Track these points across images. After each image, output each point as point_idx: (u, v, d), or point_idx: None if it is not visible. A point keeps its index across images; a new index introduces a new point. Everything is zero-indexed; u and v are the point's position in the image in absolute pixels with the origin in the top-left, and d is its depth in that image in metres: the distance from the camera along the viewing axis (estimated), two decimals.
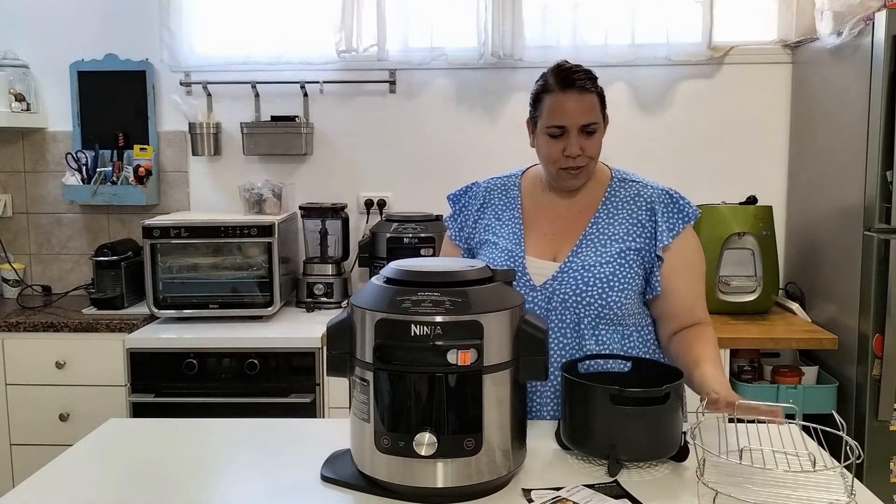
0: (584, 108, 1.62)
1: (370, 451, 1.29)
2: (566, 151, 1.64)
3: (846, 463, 1.19)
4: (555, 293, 1.65)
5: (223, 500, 1.30)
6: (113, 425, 1.64)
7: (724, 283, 2.76)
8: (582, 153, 1.64)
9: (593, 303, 1.63)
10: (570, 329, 1.66)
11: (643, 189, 1.72)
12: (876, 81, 2.33)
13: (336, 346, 1.32)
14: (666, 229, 1.67)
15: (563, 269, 1.66)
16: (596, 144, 1.67)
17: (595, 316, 1.65)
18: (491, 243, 1.75)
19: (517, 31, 2.98)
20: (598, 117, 1.65)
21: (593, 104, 1.64)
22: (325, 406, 2.61)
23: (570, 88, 1.62)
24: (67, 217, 3.26)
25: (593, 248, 1.67)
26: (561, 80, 1.63)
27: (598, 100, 1.66)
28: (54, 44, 3.18)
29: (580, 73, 1.64)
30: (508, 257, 1.70)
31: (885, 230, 2.36)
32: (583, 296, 1.64)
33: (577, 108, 1.62)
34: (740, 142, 3.10)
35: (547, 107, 1.65)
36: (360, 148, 3.19)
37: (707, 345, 1.63)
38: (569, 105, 1.62)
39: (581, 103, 1.62)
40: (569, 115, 1.62)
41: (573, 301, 1.64)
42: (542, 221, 1.74)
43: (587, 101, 1.63)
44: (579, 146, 1.63)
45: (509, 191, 1.80)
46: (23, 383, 2.69)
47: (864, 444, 2.39)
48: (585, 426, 1.39)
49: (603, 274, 1.64)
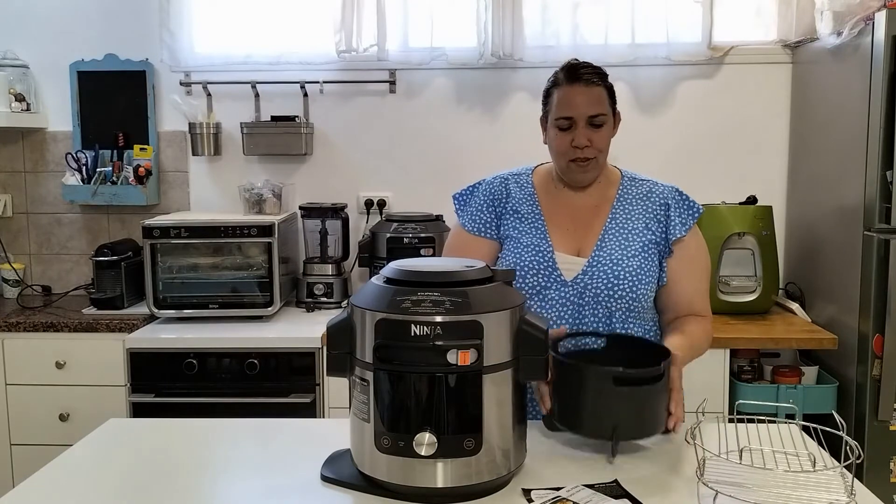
0: (590, 100, 1.67)
1: (370, 451, 1.29)
2: (574, 142, 1.67)
3: (846, 463, 1.20)
4: (587, 288, 1.68)
5: (223, 500, 1.30)
6: (113, 425, 1.65)
7: (724, 283, 2.76)
8: (590, 145, 1.68)
9: (624, 296, 1.67)
10: (602, 323, 1.69)
11: (654, 187, 1.78)
12: (876, 81, 2.33)
13: (336, 346, 1.32)
14: (679, 223, 1.72)
15: (592, 264, 1.69)
16: (604, 137, 1.70)
17: (626, 309, 1.69)
18: (513, 238, 1.76)
19: (517, 31, 2.98)
20: (605, 109, 1.69)
21: (601, 97, 1.69)
22: (325, 406, 2.60)
23: (577, 82, 1.68)
24: (67, 217, 3.26)
25: (617, 243, 1.71)
26: (569, 75, 1.69)
27: (607, 94, 1.71)
28: (54, 44, 3.18)
29: (588, 68, 1.70)
30: (536, 253, 1.71)
31: (885, 230, 2.36)
32: (614, 290, 1.67)
33: (583, 100, 1.67)
34: (740, 142, 3.09)
35: (556, 100, 1.70)
36: (360, 148, 3.19)
37: (689, 325, 1.69)
38: (576, 97, 1.67)
39: (588, 95, 1.67)
40: (576, 106, 1.67)
41: (605, 295, 1.68)
42: (561, 217, 1.76)
43: (594, 93, 1.68)
44: (587, 138, 1.67)
45: (524, 187, 1.81)
46: (23, 383, 2.69)
47: (864, 444, 2.39)
48: (586, 407, 1.40)
49: (631, 267, 1.68)
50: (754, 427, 1.50)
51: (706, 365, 2.48)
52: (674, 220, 1.72)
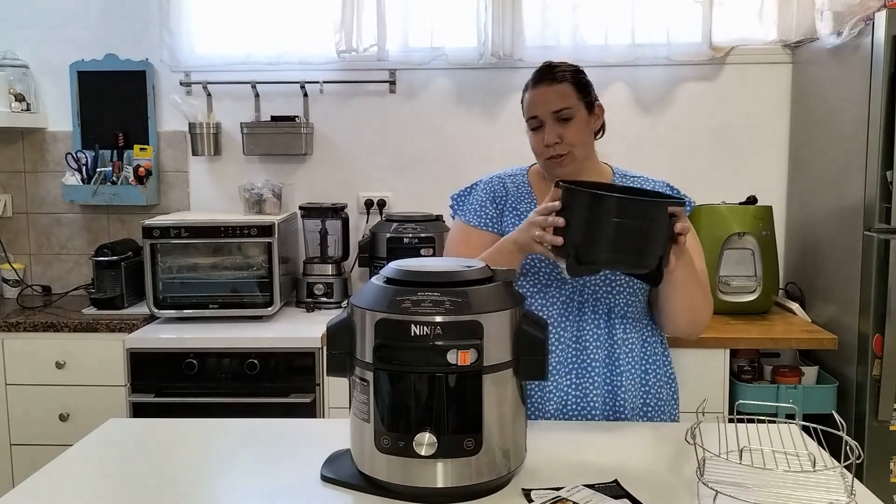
0: (553, 96, 1.71)
1: (370, 451, 1.29)
2: (545, 141, 1.71)
3: (846, 463, 1.20)
4: (586, 285, 1.70)
5: (223, 500, 1.30)
6: (113, 425, 1.64)
7: (724, 283, 2.76)
8: (560, 141, 1.70)
9: (622, 292, 1.69)
10: (602, 320, 1.70)
11: (646, 182, 1.80)
12: (876, 81, 2.33)
13: (336, 346, 1.32)
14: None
15: None
16: (574, 131, 1.71)
17: (625, 304, 1.70)
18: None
19: (517, 31, 2.98)
20: (570, 103, 1.70)
21: (565, 92, 1.71)
22: (325, 406, 2.60)
23: (541, 83, 1.73)
24: (67, 217, 3.26)
25: None
26: (534, 77, 1.75)
27: (574, 88, 1.72)
28: (54, 44, 3.18)
29: (552, 68, 1.74)
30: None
31: (885, 230, 2.36)
32: (613, 286, 1.69)
33: (546, 98, 1.71)
34: (740, 142, 3.10)
35: (525, 103, 1.76)
36: (360, 148, 3.19)
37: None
38: (538, 97, 1.72)
39: (550, 93, 1.71)
40: (539, 105, 1.71)
41: (604, 292, 1.69)
42: None
43: (557, 90, 1.71)
44: (556, 134, 1.70)
45: (521, 186, 1.82)
46: (23, 383, 2.69)
47: (864, 444, 2.39)
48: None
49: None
50: (754, 427, 1.50)
51: (706, 365, 2.48)
52: None
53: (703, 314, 1.69)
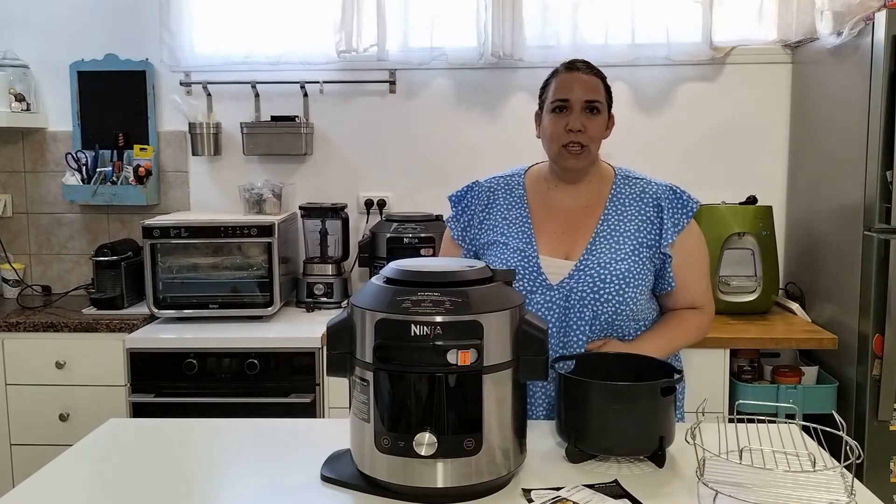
0: (588, 86, 1.71)
1: (370, 451, 1.29)
2: (569, 125, 1.68)
3: (846, 463, 1.20)
4: (572, 292, 1.68)
5: (223, 500, 1.30)
6: (113, 425, 1.64)
7: (724, 283, 2.76)
8: (584, 131, 1.68)
9: (610, 300, 1.67)
10: (588, 327, 1.68)
11: (648, 186, 1.76)
12: (876, 81, 2.33)
13: (336, 346, 1.32)
14: (671, 226, 1.71)
15: (580, 268, 1.68)
16: (598, 126, 1.71)
17: (612, 313, 1.68)
18: (500, 244, 1.75)
19: (517, 31, 2.98)
20: (601, 98, 1.71)
21: (598, 86, 1.72)
22: (325, 406, 2.60)
23: (576, 70, 1.72)
24: (67, 217, 3.26)
25: (607, 246, 1.70)
26: (568, 65, 1.75)
27: (603, 87, 1.74)
28: (54, 44, 3.17)
29: (587, 63, 1.75)
30: (521, 257, 1.70)
31: (885, 230, 2.35)
32: (600, 293, 1.67)
33: (581, 86, 1.70)
34: (740, 142, 3.09)
35: (553, 87, 1.74)
36: (360, 148, 3.19)
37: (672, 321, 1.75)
38: (574, 82, 1.71)
39: (585, 82, 1.71)
40: (572, 90, 1.70)
41: (591, 299, 1.67)
42: (550, 219, 1.75)
43: (591, 81, 1.72)
44: (581, 123, 1.68)
45: (514, 189, 1.80)
46: (23, 383, 2.69)
47: (864, 444, 2.39)
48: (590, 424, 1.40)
49: (619, 271, 1.66)
50: (754, 427, 1.50)
51: (706, 365, 2.48)
52: (666, 224, 1.71)
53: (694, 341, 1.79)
